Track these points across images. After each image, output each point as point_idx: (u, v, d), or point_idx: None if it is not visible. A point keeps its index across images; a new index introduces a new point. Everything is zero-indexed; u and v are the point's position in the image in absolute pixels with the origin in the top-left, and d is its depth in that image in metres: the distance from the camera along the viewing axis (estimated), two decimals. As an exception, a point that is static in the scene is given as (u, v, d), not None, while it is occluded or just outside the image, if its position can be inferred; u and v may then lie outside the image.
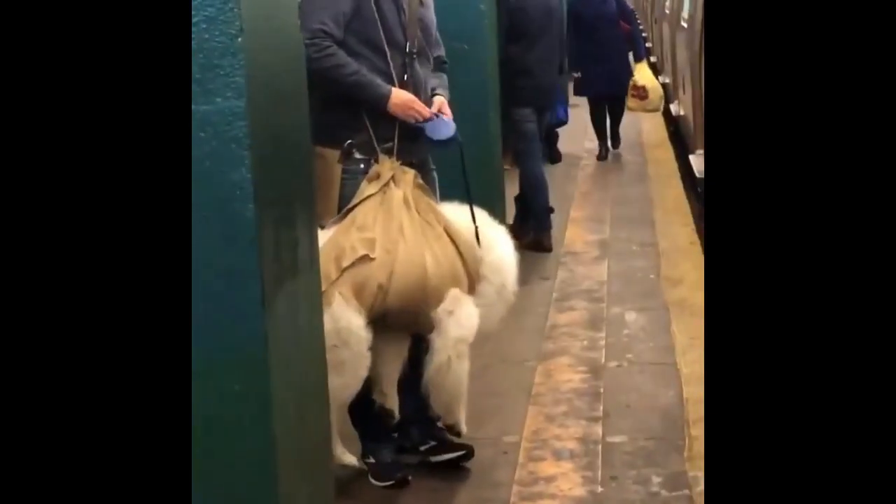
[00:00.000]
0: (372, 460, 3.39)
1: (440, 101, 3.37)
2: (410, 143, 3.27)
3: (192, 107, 1.87)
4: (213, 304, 1.92)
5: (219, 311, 1.92)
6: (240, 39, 1.86)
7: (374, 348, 3.13)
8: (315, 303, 2.32)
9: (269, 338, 1.95)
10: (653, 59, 15.03)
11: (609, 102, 9.00)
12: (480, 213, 3.33)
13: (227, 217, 1.90)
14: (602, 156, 9.05)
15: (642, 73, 8.93)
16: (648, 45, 17.34)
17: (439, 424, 3.49)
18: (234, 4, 1.85)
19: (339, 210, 3.15)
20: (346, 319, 2.96)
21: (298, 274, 2.14)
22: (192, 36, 1.84)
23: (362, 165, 3.18)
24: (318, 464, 2.34)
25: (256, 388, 1.96)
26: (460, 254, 3.20)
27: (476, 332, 3.26)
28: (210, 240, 1.90)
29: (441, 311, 3.13)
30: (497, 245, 3.34)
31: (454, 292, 3.15)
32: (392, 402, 3.27)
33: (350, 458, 3.29)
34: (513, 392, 4.13)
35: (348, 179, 3.18)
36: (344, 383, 2.97)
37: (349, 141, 3.17)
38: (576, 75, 8.80)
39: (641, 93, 8.85)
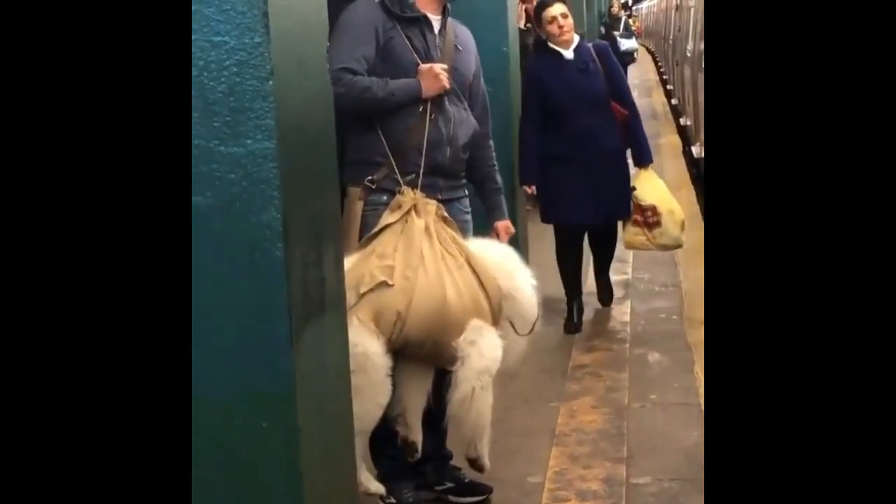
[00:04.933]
0: (393, 501, 3.40)
1: (503, 226, 3.58)
2: (440, 178, 3.31)
3: (223, 149, 1.91)
4: (242, 342, 1.95)
5: (248, 348, 1.95)
6: (270, 83, 1.91)
7: (398, 381, 3.15)
8: (342, 339, 2.35)
9: (297, 375, 1.98)
10: (674, 101, 15.09)
11: (592, 236, 5.52)
12: (507, 250, 3.36)
13: (257, 257, 1.94)
14: (571, 326, 5.36)
15: (648, 186, 5.28)
16: (670, 87, 17.43)
17: (453, 463, 3.49)
18: (265, 49, 1.90)
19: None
20: (362, 345, 2.96)
21: (326, 311, 2.17)
22: (224, 80, 1.89)
23: (385, 197, 3.23)
24: (345, 499, 2.35)
25: (284, 424, 1.98)
26: (483, 286, 3.21)
27: (499, 366, 3.28)
28: (240, 279, 1.94)
29: (463, 341, 3.14)
30: (520, 281, 3.37)
31: (476, 322, 3.16)
32: (416, 435, 3.28)
33: (376, 486, 3.27)
34: (536, 432, 4.13)
35: (370, 211, 3.23)
36: (362, 410, 2.96)
37: (369, 177, 3.23)
38: (528, 192, 5.28)
39: (649, 217, 5.23)
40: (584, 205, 5.15)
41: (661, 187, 5.32)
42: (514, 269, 3.34)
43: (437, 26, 3.35)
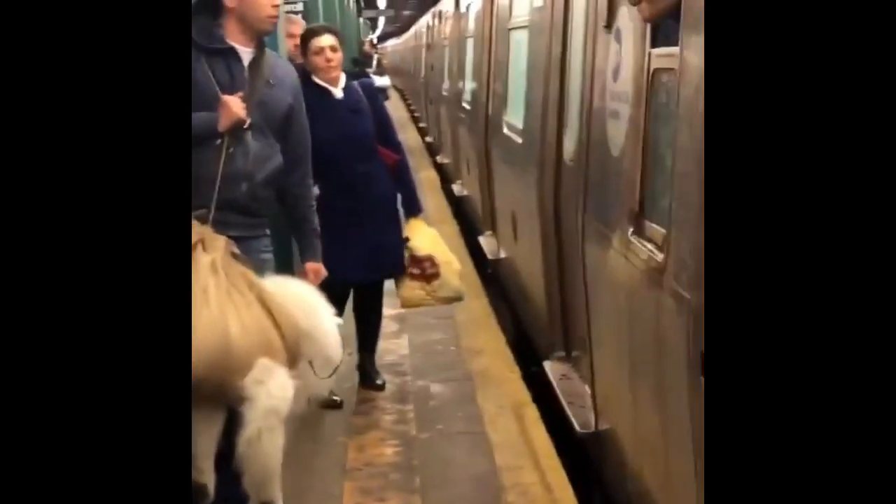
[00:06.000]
0: (185, 545, 3.28)
1: (314, 269, 3.53)
2: (233, 214, 3.25)
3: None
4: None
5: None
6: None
7: None
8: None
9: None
10: (428, 139, 15.45)
11: (359, 297, 4.92)
12: (308, 288, 3.33)
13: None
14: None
15: (422, 236, 4.93)
16: (423, 125, 17.82)
17: None
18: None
19: None
20: None
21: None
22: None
23: None
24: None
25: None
26: (277, 325, 3.17)
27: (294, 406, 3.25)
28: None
29: (249, 381, 3.06)
30: (320, 320, 3.34)
31: (264, 362, 3.08)
32: (206, 477, 3.18)
33: None
34: (327, 469, 4.13)
35: None
36: None
37: None
38: None
39: (427, 268, 4.88)
40: (356, 261, 4.60)
41: (435, 237, 4.98)
42: (314, 308, 3.29)
43: (246, 59, 3.31)
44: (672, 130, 2.55)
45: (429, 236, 4.94)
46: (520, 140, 5.58)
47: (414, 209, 4.96)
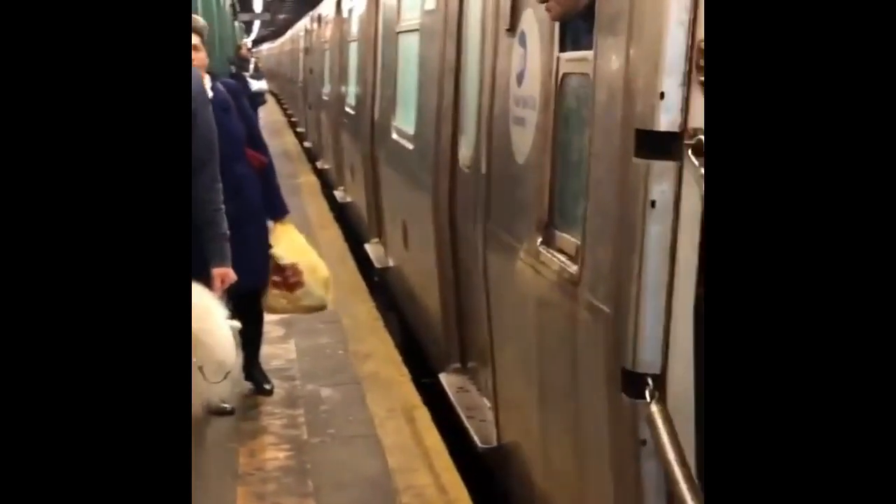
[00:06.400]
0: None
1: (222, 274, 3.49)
2: None
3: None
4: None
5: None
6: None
7: None
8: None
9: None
10: (307, 144, 15.32)
11: (237, 305, 4.34)
12: (201, 291, 3.27)
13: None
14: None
15: (287, 243, 4.82)
16: (301, 129, 17.66)
17: None
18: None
19: None
20: None
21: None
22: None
23: None
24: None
25: None
26: None
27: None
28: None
29: None
30: (212, 324, 3.28)
31: None
32: None
33: None
34: (219, 474, 4.07)
35: None
36: None
37: None
38: None
39: (289, 277, 4.76)
40: (246, 264, 4.18)
41: (301, 243, 4.85)
42: (205, 312, 3.23)
43: None
44: (585, 137, 2.58)
45: (296, 243, 4.83)
46: (411, 146, 5.55)
47: (281, 211, 4.88)
